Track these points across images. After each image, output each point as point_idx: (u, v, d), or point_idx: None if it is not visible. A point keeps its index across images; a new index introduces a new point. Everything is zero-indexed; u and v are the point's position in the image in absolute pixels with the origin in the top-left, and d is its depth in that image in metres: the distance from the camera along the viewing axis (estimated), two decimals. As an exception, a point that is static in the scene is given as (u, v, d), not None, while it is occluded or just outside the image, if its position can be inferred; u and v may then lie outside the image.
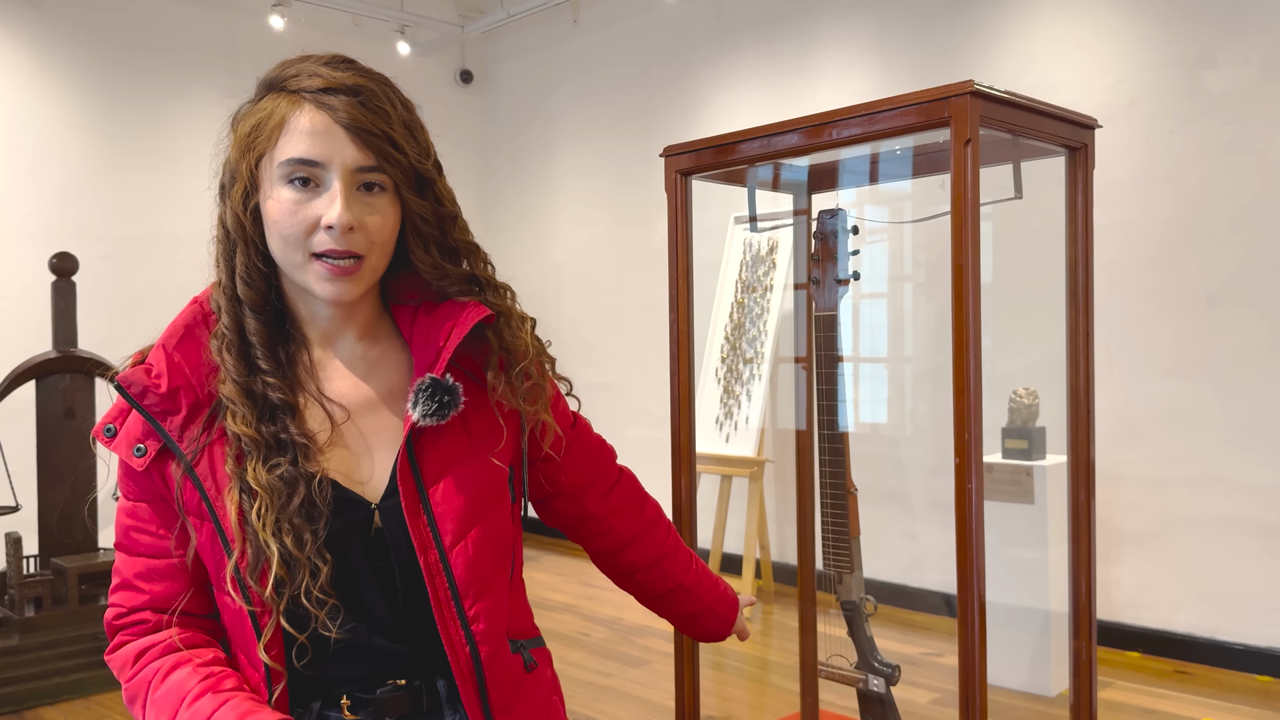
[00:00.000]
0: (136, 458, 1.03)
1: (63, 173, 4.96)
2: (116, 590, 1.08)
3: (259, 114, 1.02)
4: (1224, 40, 3.57)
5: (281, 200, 1.00)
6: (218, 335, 1.04)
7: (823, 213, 1.95)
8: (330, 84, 1.00)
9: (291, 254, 1.01)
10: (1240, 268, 3.55)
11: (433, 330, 1.08)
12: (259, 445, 1.00)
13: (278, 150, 1.00)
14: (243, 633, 1.03)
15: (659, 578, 1.36)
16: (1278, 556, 3.47)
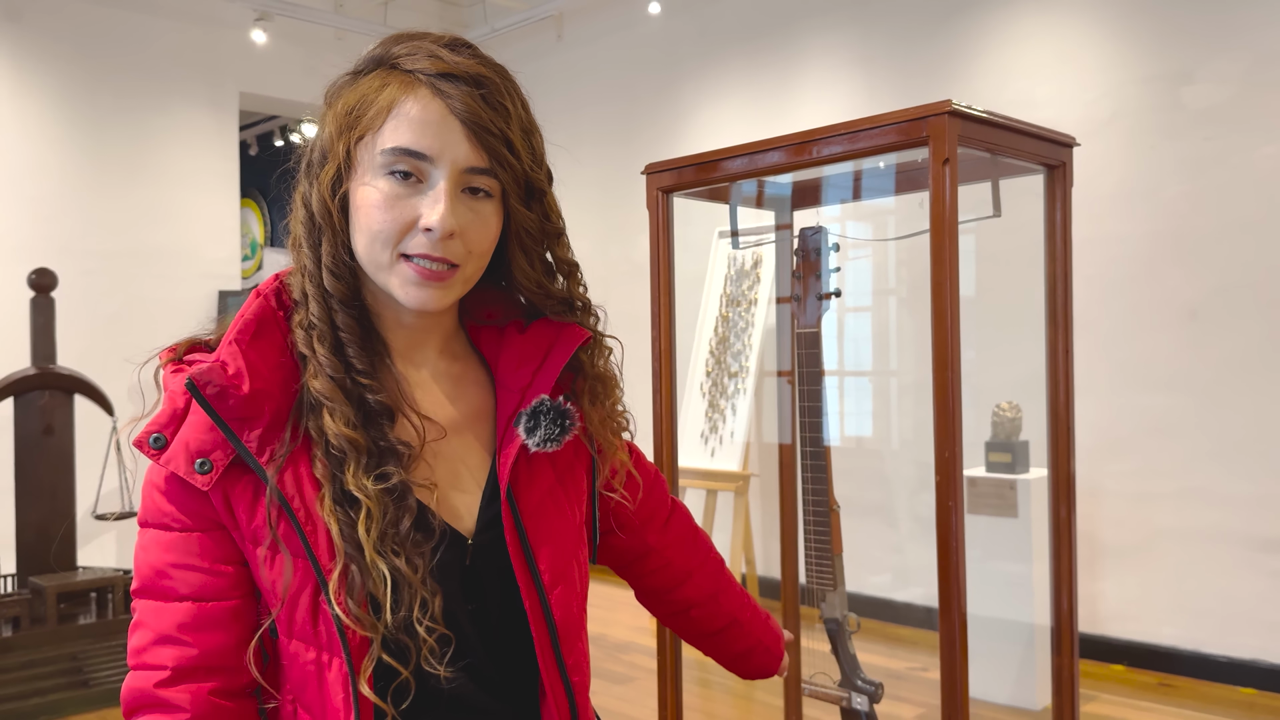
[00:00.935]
0: (200, 474, 0.84)
1: (43, 187, 4.94)
2: (149, 648, 0.86)
3: (364, 90, 0.89)
4: (1203, 57, 3.61)
5: (378, 191, 0.87)
6: (304, 325, 0.89)
7: (804, 230, 1.95)
8: (451, 69, 0.88)
9: (378, 252, 0.88)
10: (1222, 281, 3.57)
11: (527, 351, 0.99)
12: (359, 450, 0.86)
13: (382, 135, 0.87)
14: (320, 690, 0.86)
15: (713, 614, 1.25)
16: (1261, 569, 3.49)
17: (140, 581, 0.88)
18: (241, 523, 0.86)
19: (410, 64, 0.88)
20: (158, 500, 0.87)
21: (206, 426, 0.85)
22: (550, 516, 0.95)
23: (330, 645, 0.86)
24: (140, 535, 0.89)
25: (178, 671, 0.85)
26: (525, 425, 0.94)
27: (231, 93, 5.60)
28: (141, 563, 0.88)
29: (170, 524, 0.87)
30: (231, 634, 0.87)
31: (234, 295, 5.47)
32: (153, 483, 0.88)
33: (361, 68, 0.92)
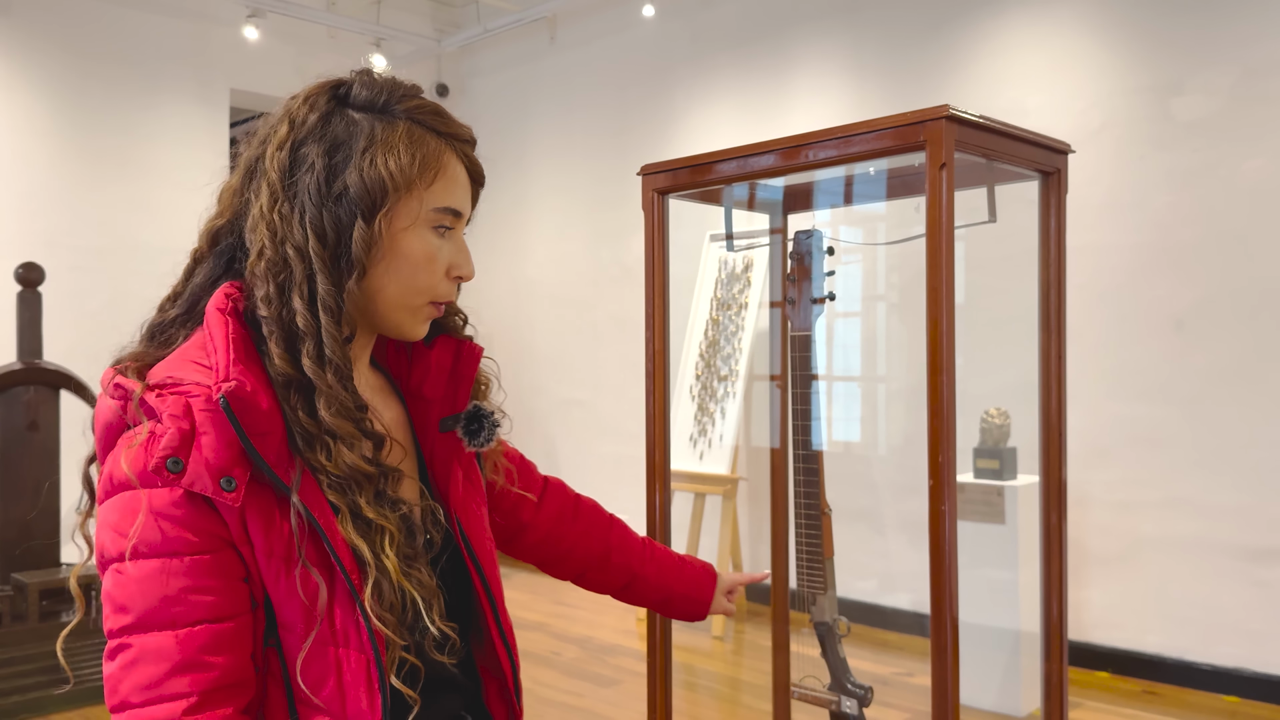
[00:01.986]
0: (228, 492, 0.85)
1: (31, 182, 4.90)
2: (166, 680, 0.84)
3: (418, 147, 0.96)
4: (1193, 68, 3.63)
5: (428, 244, 0.98)
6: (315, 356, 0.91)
7: (799, 233, 1.95)
8: (467, 137, 1.02)
9: (414, 297, 0.98)
10: (1208, 292, 3.60)
11: (437, 366, 1.07)
12: (371, 480, 0.92)
13: (432, 194, 0.97)
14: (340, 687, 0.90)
15: (612, 574, 1.38)
16: (1245, 578, 3.51)
17: (137, 616, 0.85)
18: (255, 538, 0.88)
19: (446, 128, 0.99)
20: (165, 528, 0.85)
21: (226, 444, 0.86)
22: (471, 508, 1.08)
23: (349, 641, 0.90)
24: (127, 569, 0.85)
25: (204, 696, 0.85)
26: (466, 429, 1.05)
27: (222, 89, 5.58)
28: (136, 596, 0.85)
29: (181, 549, 0.86)
30: (244, 651, 0.89)
31: (222, 293, 5.44)
32: (156, 510, 0.85)
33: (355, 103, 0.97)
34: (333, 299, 0.92)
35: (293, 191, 0.94)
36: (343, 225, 0.93)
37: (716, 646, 4.27)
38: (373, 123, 0.96)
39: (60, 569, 3.95)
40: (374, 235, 0.93)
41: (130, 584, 0.85)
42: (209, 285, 0.98)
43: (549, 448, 5.89)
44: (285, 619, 0.90)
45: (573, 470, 5.76)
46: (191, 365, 0.89)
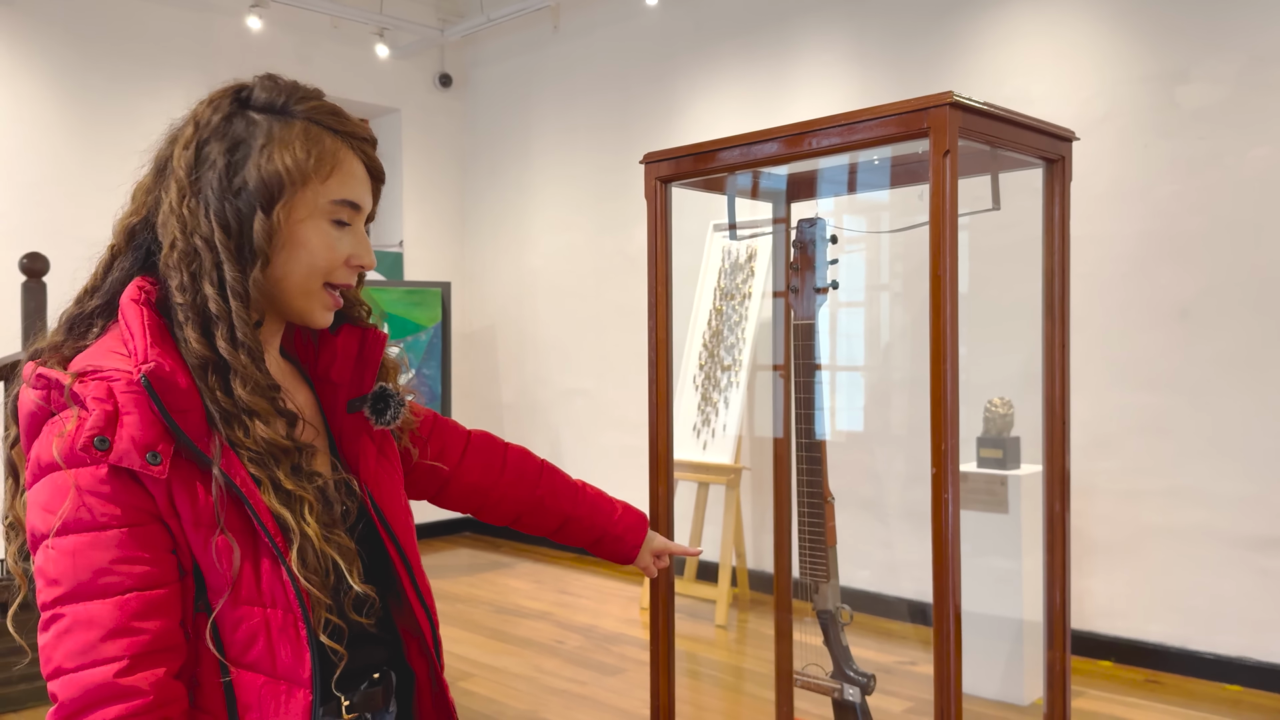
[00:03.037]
0: (154, 466, 0.92)
1: (35, 172, 4.90)
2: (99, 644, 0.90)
3: (314, 145, 1.04)
4: (1198, 56, 3.61)
5: (325, 235, 1.05)
6: (228, 338, 0.98)
7: (802, 221, 1.95)
8: (366, 135, 1.09)
9: (312, 281, 1.05)
10: (1213, 281, 3.59)
11: (344, 353, 1.15)
12: (287, 454, 1.00)
13: (329, 186, 1.04)
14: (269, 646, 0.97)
15: (544, 518, 1.46)
16: (1248, 567, 3.51)
17: (70, 587, 0.90)
18: (182, 509, 0.95)
19: (343, 126, 1.06)
20: (93, 504, 0.92)
21: (149, 422, 0.93)
22: (384, 482, 1.14)
23: (276, 601, 0.97)
24: (58, 544, 0.91)
25: (134, 659, 0.91)
26: (373, 409, 1.13)
27: (226, 79, 5.57)
28: (68, 569, 0.90)
29: (109, 523, 0.92)
30: (174, 616, 0.95)
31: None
32: (84, 488, 0.92)
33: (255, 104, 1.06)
34: (240, 285, 0.99)
35: (198, 187, 1.01)
36: (244, 217, 1.00)
37: (720, 635, 4.28)
38: (271, 122, 1.04)
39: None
40: (273, 226, 1.01)
41: (62, 558, 0.91)
42: (126, 278, 1.04)
43: (552, 437, 5.90)
44: (214, 584, 0.96)
45: (576, 459, 5.77)
46: (110, 354, 0.96)
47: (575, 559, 5.72)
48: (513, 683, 3.64)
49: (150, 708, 0.91)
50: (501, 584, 5.16)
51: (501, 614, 4.59)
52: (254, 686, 0.98)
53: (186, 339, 0.97)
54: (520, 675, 3.73)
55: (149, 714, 0.91)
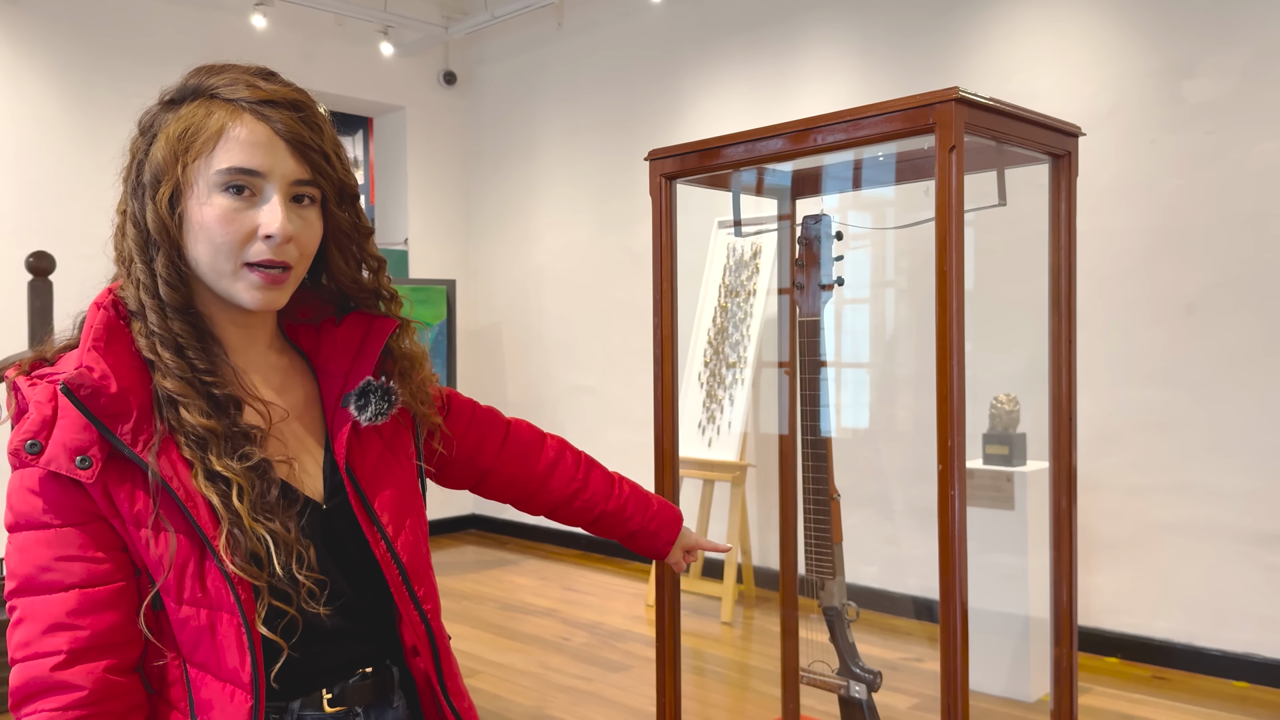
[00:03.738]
0: (82, 470, 0.92)
1: (40, 171, 4.92)
2: (38, 638, 0.92)
3: (191, 118, 1.00)
4: (1204, 50, 3.60)
5: (217, 208, 0.99)
6: (146, 334, 1.00)
7: (807, 218, 1.95)
8: (270, 96, 1.01)
9: (222, 262, 1.00)
10: (1219, 276, 3.58)
11: (344, 341, 1.13)
12: (217, 436, 0.98)
13: (215, 158, 0.99)
14: (214, 646, 0.97)
15: (580, 510, 1.46)
16: (1255, 563, 3.50)
17: (19, 581, 0.94)
18: (122, 510, 0.95)
19: (230, 93, 1.01)
20: (32, 502, 0.94)
21: (80, 426, 0.94)
22: (384, 478, 1.10)
23: (220, 603, 0.96)
24: (14, 539, 0.95)
25: (72, 654, 0.92)
26: (356, 404, 1.09)
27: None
28: (18, 563, 0.94)
29: (49, 522, 0.94)
30: (119, 613, 0.95)
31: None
32: (26, 488, 0.95)
33: (176, 96, 1.04)
34: (149, 280, 1.00)
35: (127, 191, 1.04)
36: (141, 210, 1.01)
37: (725, 632, 4.28)
38: (167, 111, 1.03)
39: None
40: (160, 213, 0.99)
41: (16, 553, 0.95)
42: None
43: (558, 434, 5.89)
44: (163, 584, 0.96)
45: (581, 457, 5.77)
46: (72, 354, 0.98)
47: (581, 556, 5.72)
48: (519, 679, 3.64)
49: (84, 702, 0.92)
50: (507, 581, 5.17)
51: (507, 611, 4.59)
52: (205, 686, 0.99)
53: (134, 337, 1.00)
54: (526, 672, 3.73)
55: (84, 708, 0.92)
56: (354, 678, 1.09)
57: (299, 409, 1.11)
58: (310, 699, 1.05)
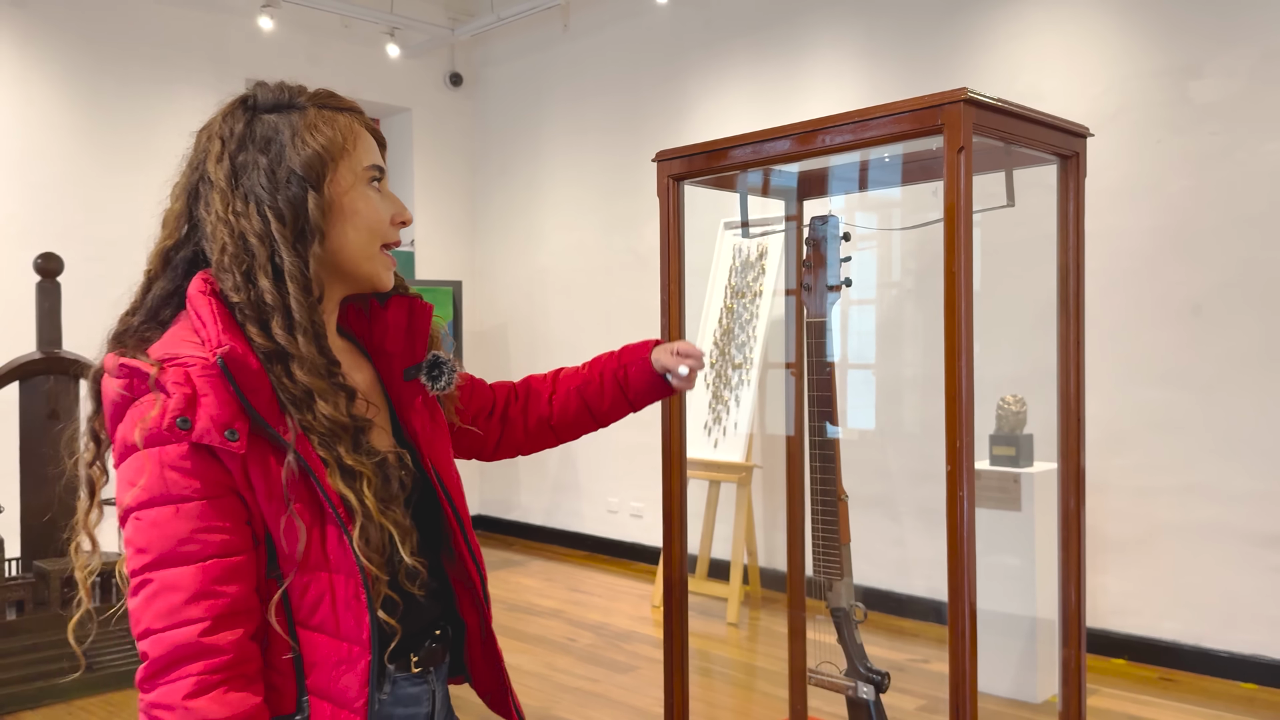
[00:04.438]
0: (232, 441, 0.99)
1: (48, 173, 4.93)
2: (183, 607, 0.98)
3: (326, 122, 1.12)
4: (1211, 51, 3.60)
5: (369, 198, 1.13)
6: (285, 326, 1.04)
7: (815, 219, 1.95)
8: (358, 107, 1.20)
9: (372, 244, 1.14)
10: (1226, 277, 3.57)
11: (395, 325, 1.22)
12: (346, 430, 1.06)
13: (357, 157, 1.13)
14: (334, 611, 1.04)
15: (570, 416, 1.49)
16: (1263, 564, 3.49)
17: (155, 555, 0.98)
18: (257, 483, 1.02)
19: (340, 104, 1.16)
20: (176, 479, 0.99)
21: (225, 401, 1.00)
22: (437, 444, 1.22)
23: (340, 567, 1.04)
24: (144, 515, 0.99)
25: (216, 620, 0.99)
26: (428, 375, 1.20)
27: (237, 79, 5.59)
28: (154, 538, 0.98)
29: (190, 495, 0.99)
30: (249, 582, 1.02)
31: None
32: (167, 464, 0.99)
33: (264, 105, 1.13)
34: (297, 269, 1.06)
35: (243, 191, 1.08)
36: (298, 201, 1.08)
37: (731, 633, 4.28)
38: (287, 117, 1.12)
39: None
40: (325, 200, 1.09)
41: (149, 528, 0.99)
42: (166, 297, 1.11)
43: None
44: (284, 552, 1.03)
45: (587, 456, 5.77)
46: (184, 343, 1.02)
47: (586, 557, 5.72)
48: (525, 680, 3.65)
49: (230, 665, 0.99)
50: (513, 582, 5.17)
51: (513, 612, 4.60)
52: (318, 647, 1.05)
53: (249, 334, 1.04)
54: (532, 673, 3.74)
55: (229, 670, 0.99)
56: (431, 641, 1.18)
57: (365, 388, 1.17)
58: (400, 664, 1.14)
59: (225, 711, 0.97)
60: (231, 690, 0.99)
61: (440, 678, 1.22)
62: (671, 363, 1.47)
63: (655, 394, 1.50)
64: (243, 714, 0.99)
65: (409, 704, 1.15)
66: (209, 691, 0.97)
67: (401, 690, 1.14)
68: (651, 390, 1.49)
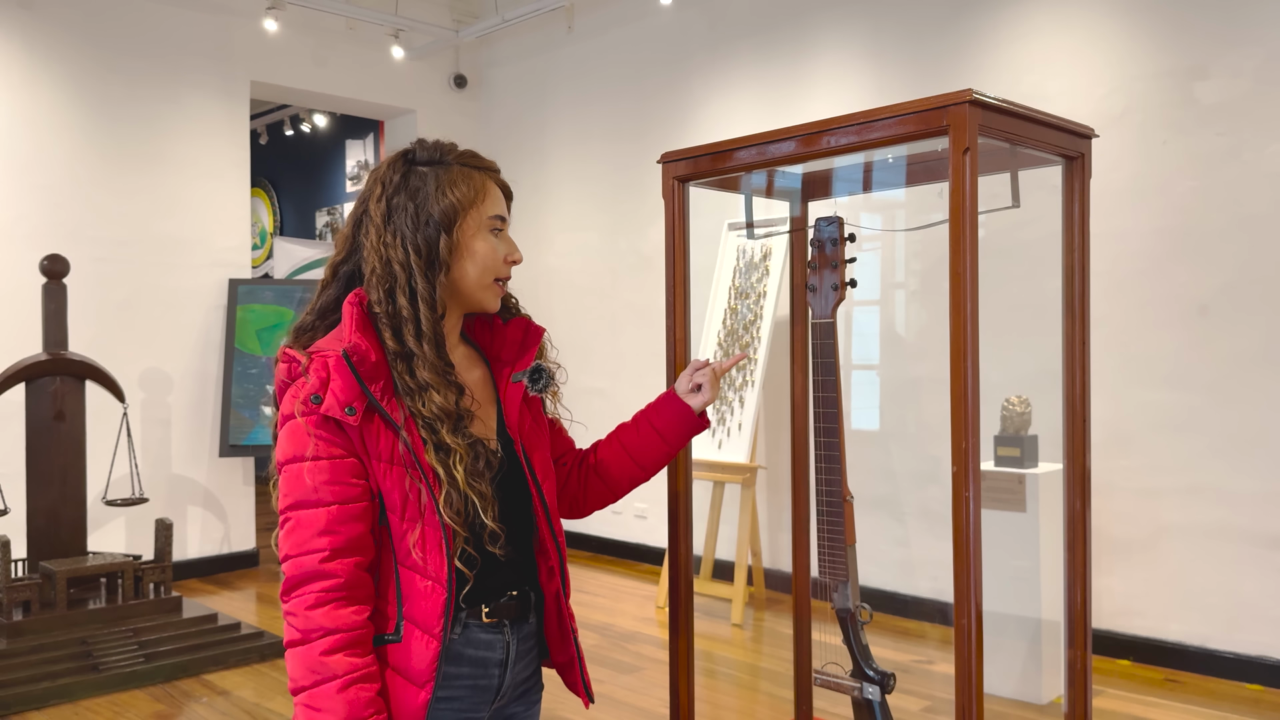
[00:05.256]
0: (349, 417, 1.28)
1: (54, 175, 4.94)
2: (310, 539, 1.27)
3: (465, 179, 1.41)
4: (1216, 52, 3.59)
5: (489, 242, 1.43)
6: (414, 334, 1.34)
7: (820, 220, 1.95)
8: (494, 167, 1.49)
9: (486, 278, 1.43)
10: (1232, 278, 3.57)
11: (511, 339, 1.52)
12: (450, 416, 1.33)
13: (484, 208, 1.42)
14: (424, 555, 1.31)
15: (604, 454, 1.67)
16: (1268, 566, 3.49)
17: (294, 499, 1.29)
18: (371, 449, 1.31)
19: (476, 163, 1.45)
20: (307, 441, 1.29)
21: (348, 385, 1.29)
22: (535, 441, 1.49)
23: (431, 521, 1.31)
24: (288, 469, 1.30)
25: (333, 551, 1.28)
26: (530, 378, 1.47)
27: (243, 81, 5.61)
28: (294, 487, 1.29)
29: (320, 455, 1.29)
30: (364, 525, 1.31)
31: (243, 284, 5.48)
32: (304, 431, 1.30)
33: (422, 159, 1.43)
34: (428, 293, 1.36)
35: (394, 227, 1.37)
36: (432, 240, 1.38)
37: (736, 634, 4.28)
38: (435, 171, 1.41)
39: (87, 557, 4.00)
40: (454, 242, 1.39)
41: (291, 479, 1.30)
42: (334, 301, 1.41)
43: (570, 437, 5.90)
44: (390, 504, 1.32)
45: (592, 459, 5.77)
46: (332, 340, 1.34)
47: (591, 558, 5.73)
48: (530, 681, 3.65)
49: (341, 587, 1.27)
50: (518, 583, 5.17)
51: (518, 613, 4.60)
52: (412, 582, 1.33)
53: (384, 338, 1.34)
54: (537, 674, 3.74)
55: (341, 591, 1.28)
56: (504, 598, 1.42)
57: (476, 385, 1.46)
58: (473, 611, 1.38)
59: (335, 623, 1.26)
60: (342, 606, 1.27)
61: (517, 634, 1.44)
62: (685, 385, 1.65)
63: (683, 424, 1.64)
64: (349, 626, 1.27)
65: (480, 647, 1.39)
66: (324, 606, 1.26)
67: (474, 634, 1.39)
68: (678, 420, 1.63)
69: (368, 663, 1.29)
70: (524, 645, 1.46)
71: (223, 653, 3.92)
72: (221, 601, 4.85)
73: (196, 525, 5.44)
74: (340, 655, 1.27)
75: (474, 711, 1.41)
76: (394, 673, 1.33)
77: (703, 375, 1.63)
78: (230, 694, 3.64)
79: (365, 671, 1.28)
